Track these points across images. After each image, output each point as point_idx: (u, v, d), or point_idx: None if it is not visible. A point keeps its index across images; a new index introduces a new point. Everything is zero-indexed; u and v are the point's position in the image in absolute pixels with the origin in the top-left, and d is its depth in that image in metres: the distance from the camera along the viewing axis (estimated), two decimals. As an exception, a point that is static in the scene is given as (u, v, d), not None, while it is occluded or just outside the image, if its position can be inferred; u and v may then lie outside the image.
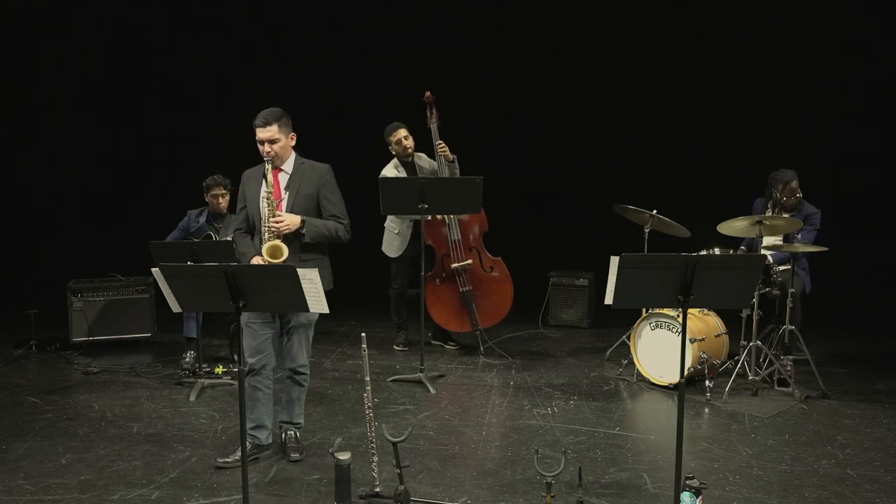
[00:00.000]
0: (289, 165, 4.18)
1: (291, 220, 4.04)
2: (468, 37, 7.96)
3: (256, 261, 4.02)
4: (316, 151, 4.38)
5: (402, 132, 5.94)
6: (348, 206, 4.31)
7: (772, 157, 6.01)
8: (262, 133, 4.04)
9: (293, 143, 4.19)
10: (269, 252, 3.98)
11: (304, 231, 4.07)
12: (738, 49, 7.60)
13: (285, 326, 4.20)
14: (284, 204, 4.12)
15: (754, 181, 5.88)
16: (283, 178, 4.17)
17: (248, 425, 4.21)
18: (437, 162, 5.99)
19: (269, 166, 4.05)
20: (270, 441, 4.27)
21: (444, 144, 5.93)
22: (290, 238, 4.07)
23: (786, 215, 5.53)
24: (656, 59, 7.79)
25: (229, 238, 4.94)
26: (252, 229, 4.21)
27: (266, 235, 4.03)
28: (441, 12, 7.93)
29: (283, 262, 3.95)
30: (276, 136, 4.05)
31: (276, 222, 4.01)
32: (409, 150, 5.98)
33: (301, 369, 4.24)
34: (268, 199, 4.04)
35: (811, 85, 7.51)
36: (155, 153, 8.09)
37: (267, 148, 4.05)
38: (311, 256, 4.13)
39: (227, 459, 4.11)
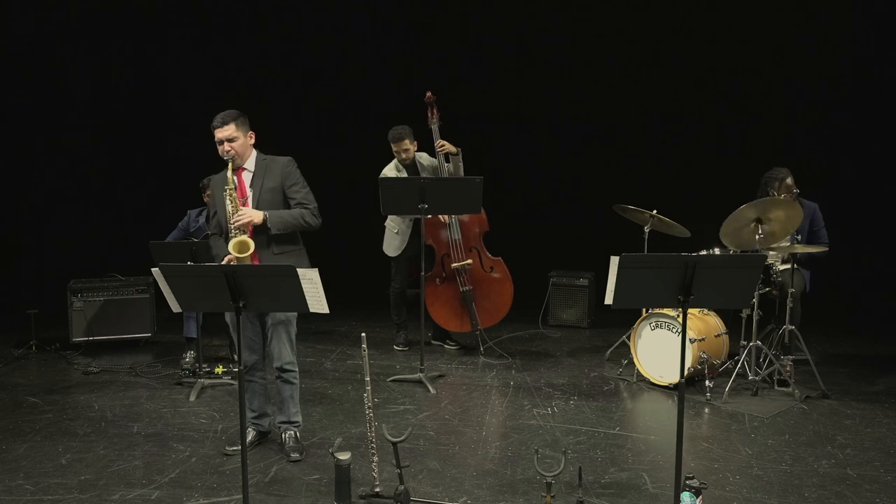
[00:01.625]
0: (251, 163, 4.22)
1: (252, 214, 4.05)
2: (470, 36, 7.96)
3: (227, 259, 4.02)
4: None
5: (404, 144, 5.89)
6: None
7: (771, 157, 6.00)
8: (220, 133, 4.09)
9: (252, 141, 4.22)
10: (235, 248, 3.98)
11: (269, 224, 4.08)
12: (738, 49, 7.59)
13: (264, 327, 4.22)
14: (250, 201, 4.14)
15: (753, 181, 5.87)
16: (247, 177, 4.20)
17: (251, 415, 4.30)
18: (438, 161, 5.98)
19: (230, 165, 4.08)
20: (271, 429, 4.40)
21: (443, 143, 5.91)
22: (259, 232, 4.07)
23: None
24: (656, 59, 7.79)
25: None
26: (223, 232, 4.22)
27: (232, 233, 4.04)
28: (444, 11, 7.93)
29: (252, 255, 3.97)
30: (235, 134, 4.09)
31: (238, 217, 4.03)
32: (407, 160, 5.96)
33: (287, 367, 4.23)
34: (230, 196, 4.05)
35: (811, 85, 7.51)
36: (155, 153, 8.09)
37: (226, 147, 4.09)
38: (284, 249, 4.15)
39: (235, 447, 4.15)
